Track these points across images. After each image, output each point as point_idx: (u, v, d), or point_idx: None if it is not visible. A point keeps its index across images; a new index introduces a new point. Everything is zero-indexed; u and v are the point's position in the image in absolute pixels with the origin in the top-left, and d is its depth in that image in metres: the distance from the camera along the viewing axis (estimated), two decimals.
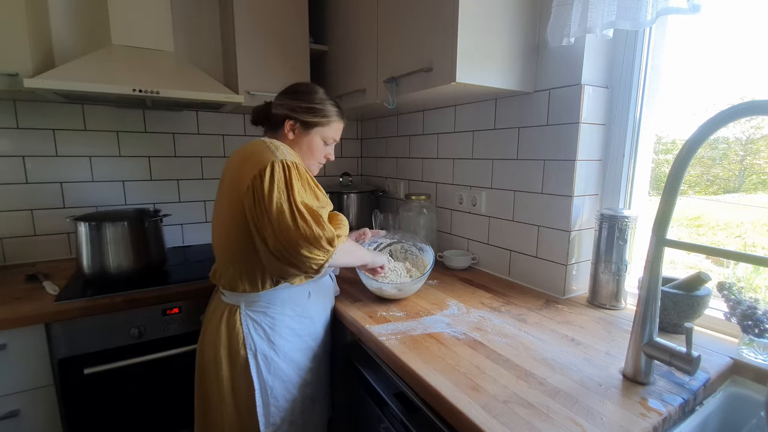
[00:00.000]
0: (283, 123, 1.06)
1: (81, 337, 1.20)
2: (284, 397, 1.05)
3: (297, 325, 1.06)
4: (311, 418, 1.13)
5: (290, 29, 1.73)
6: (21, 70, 1.28)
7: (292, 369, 1.06)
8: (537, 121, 1.28)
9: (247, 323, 1.01)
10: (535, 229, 1.32)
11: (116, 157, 1.73)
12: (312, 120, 1.06)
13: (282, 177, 0.89)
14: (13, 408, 1.15)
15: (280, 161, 0.90)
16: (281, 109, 1.06)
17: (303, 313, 1.07)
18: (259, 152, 0.93)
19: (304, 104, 1.05)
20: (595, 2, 1.00)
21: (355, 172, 2.36)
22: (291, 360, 1.05)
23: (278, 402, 1.04)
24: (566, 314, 1.12)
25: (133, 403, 1.31)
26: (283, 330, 1.04)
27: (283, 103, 1.07)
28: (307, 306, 1.08)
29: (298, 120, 1.05)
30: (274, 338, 1.02)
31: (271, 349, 1.02)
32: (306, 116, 1.05)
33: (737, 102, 0.70)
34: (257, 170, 0.89)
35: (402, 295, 1.21)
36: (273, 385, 1.02)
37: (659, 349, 0.76)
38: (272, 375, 1.02)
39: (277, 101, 1.09)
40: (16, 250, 1.60)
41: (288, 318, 1.04)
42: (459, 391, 0.75)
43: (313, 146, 1.09)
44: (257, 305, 1.02)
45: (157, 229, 1.47)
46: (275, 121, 1.08)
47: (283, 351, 1.04)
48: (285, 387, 1.05)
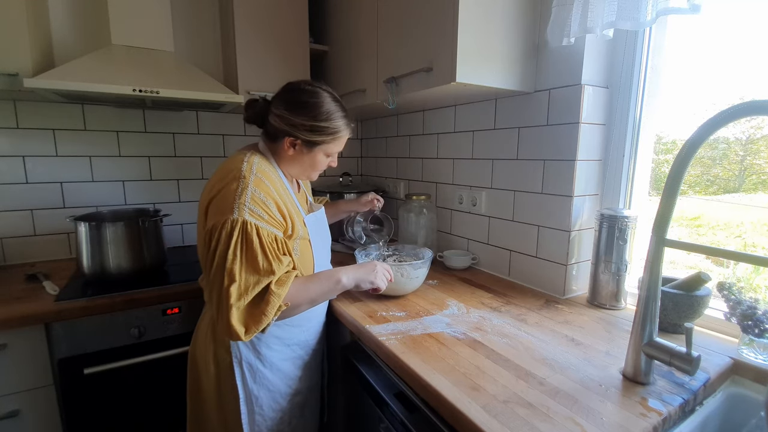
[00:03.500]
0: (282, 138, 0.94)
1: (81, 337, 1.21)
2: (270, 407, 1.02)
3: (284, 334, 1.03)
4: (299, 425, 1.11)
5: (290, 29, 1.73)
6: (21, 70, 1.28)
7: (279, 379, 1.03)
8: (537, 121, 1.28)
9: None
10: (535, 229, 1.32)
11: (116, 157, 1.73)
12: (316, 139, 0.95)
13: (232, 244, 0.82)
14: (13, 408, 1.15)
15: (241, 223, 0.82)
16: (280, 123, 0.93)
17: (291, 322, 1.03)
18: (229, 192, 0.85)
19: (309, 122, 0.92)
20: (595, 2, 1.00)
21: (355, 172, 2.36)
22: (278, 370, 1.03)
23: (263, 411, 1.01)
24: (566, 314, 1.12)
25: (133, 403, 1.31)
26: (270, 339, 1.00)
27: (281, 116, 0.93)
28: (296, 317, 1.03)
29: (299, 138, 0.94)
30: (260, 348, 0.99)
31: (257, 359, 0.99)
32: (310, 136, 0.93)
33: (737, 102, 0.70)
34: (217, 220, 0.83)
35: (402, 290, 1.21)
36: (258, 394, 1.00)
37: (659, 349, 0.76)
38: (258, 385, 0.99)
39: (276, 110, 0.94)
40: (16, 250, 1.60)
41: (275, 327, 0.99)
42: (459, 391, 0.75)
43: (316, 162, 1.00)
44: None
45: (157, 229, 1.47)
46: (273, 133, 0.96)
47: (270, 361, 1.01)
48: (272, 397, 1.02)
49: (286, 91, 0.97)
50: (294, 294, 0.88)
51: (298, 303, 0.90)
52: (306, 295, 0.91)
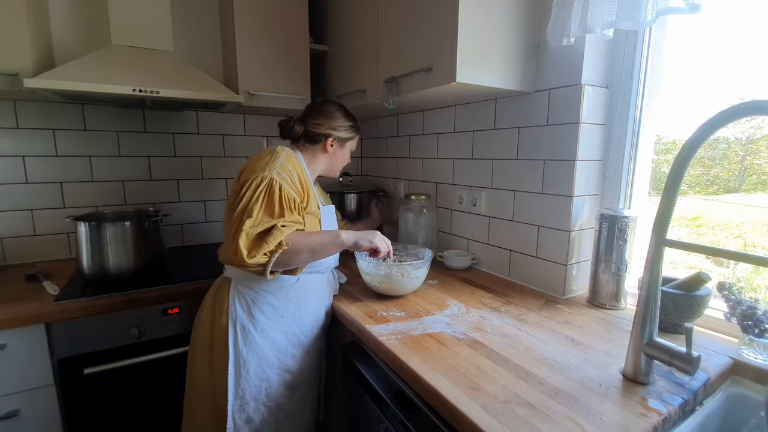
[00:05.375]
0: (325, 140, 1.19)
1: (81, 337, 1.21)
2: (256, 373, 1.08)
3: (279, 304, 1.11)
4: (287, 404, 1.14)
5: (290, 29, 1.73)
6: (21, 70, 1.28)
7: (268, 347, 1.10)
8: (537, 121, 1.28)
9: (233, 294, 1.09)
10: (535, 229, 1.32)
11: (116, 157, 1.73)
12: (348, 136, 1.24)
13: (263, 193, 0.99)
14: (13, 408, 1.15)
15: (269, 178, 1.01)
16: (322, 129, 1.19)
17: (287, 295, 1.12)
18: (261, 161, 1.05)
19: (345, 123, 1.22)
20: (595, 2, 1.00)
21: (355, 172, 2.36)
22: (268, 337, 1.10)
23: (249, 376, 1.08)
24: (566, 314, 1.12)
25: (133, 403, 1.31)
26: (264, 306, 1.09)
27: (323, 123, 1.19)
28: (292, 289, 1.12)
29: (337, 138, 1.21)
30: (254, 311, 1.08)
31: (250, 323, 1.08)
32: (345, 133, 1.22)
33: (737, 102, 0.70)
34: (250, 176, 1.01)
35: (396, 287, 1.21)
36: (247, 357, 1.07)
37: (659, 349, 0.76)
38: (248, 348, 1.07)
39: (315, 120, 1.19)
40: (16, 250, 1.60)
41: (270, 295, 1.10)
42: (459, 391, 0.75)
43: (345, 156, 1.28)
44: (246, 279, 1.09)
45: (157, 229, 1.47)
46: (315, 138, 1.20)
47: (262, 327, 1.09)
48: (258, 364, 1.08)
49: (317, 105, 1.24)
50: (295, 238, 1.01)
51: (298, 247, 1.01)
52: (306, 242, 1.03)
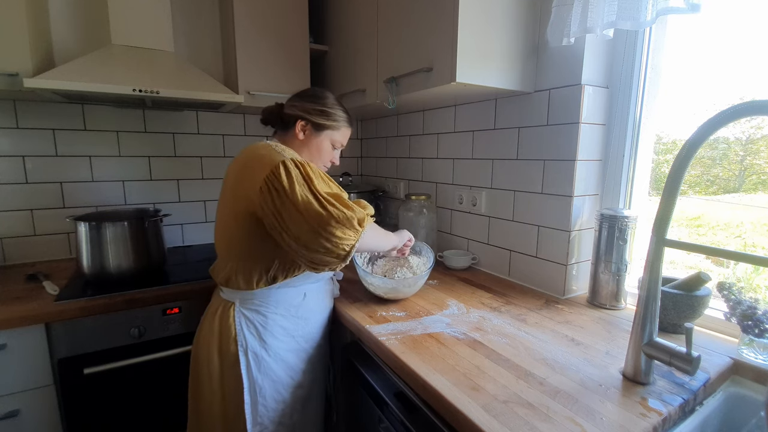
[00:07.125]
0: (295, 123, 1.08)
1: (81, 337, 1.21)
2: (273, 397, 1.05)
3: (290, 325, 1.07)
4: (302, 419, 1.12)
5: (290, 29, 1.73)
6: (21, 70, 1.28)
7: (282, 370, 1.06)
8: (537, 121, 1.28)
9: (240, 320, 1.02)
10: (535, 229, 1.32)
11: (116, 157, 1.73)
12: (323, 122, 1.09)
13: (298, 172, 0.91)
14: (13, 408, 1.15)
15: (291, 159, 0.92)
16: (294, 110, 1.09)
17: (297, 314, 1.07)
18: (266, 154, 0.95)
19: (318, 107, 1.09)
20: (595, 2, 1.00)
21: (355, 172, 2.36)
22: (282, 360, 1.06)
23: (266, 402, 1.04)
24: (566, 314, 1.12)
25: (133, 403, 1.31)
26: (276, 329, 1.04)
27: (296, 104, 1.10)
28: (301, 307, 1.08)
29: (309, 121, 1.08)
30: (265, 337, 1.03)
31: (263, 348, 1.03)
32: (318, 118, 1.08)
33: (737, 102, 0.70)
34: (269, 170, 0.90)
35: (400, 294, 1.21)
36: (262, 384, 1.03)
37: (659, 349, 0.76)
38: (262, 374, 1.03)
39: (290, 102, 1.11)
40: (16, 250, 1.60)
41: (281, 317, 1.05)
42: (459, 391, 0.75)
43: (322, 148, 1.12)
44: (251, 303, 1.03)
45: (157, 229, 1.47)
46: (287, 121, 1.10)
47: (275, 351, 1.04)
48: (275, 387, 1.05)
49: (300, 92, 1.14)
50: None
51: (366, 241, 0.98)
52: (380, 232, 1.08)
